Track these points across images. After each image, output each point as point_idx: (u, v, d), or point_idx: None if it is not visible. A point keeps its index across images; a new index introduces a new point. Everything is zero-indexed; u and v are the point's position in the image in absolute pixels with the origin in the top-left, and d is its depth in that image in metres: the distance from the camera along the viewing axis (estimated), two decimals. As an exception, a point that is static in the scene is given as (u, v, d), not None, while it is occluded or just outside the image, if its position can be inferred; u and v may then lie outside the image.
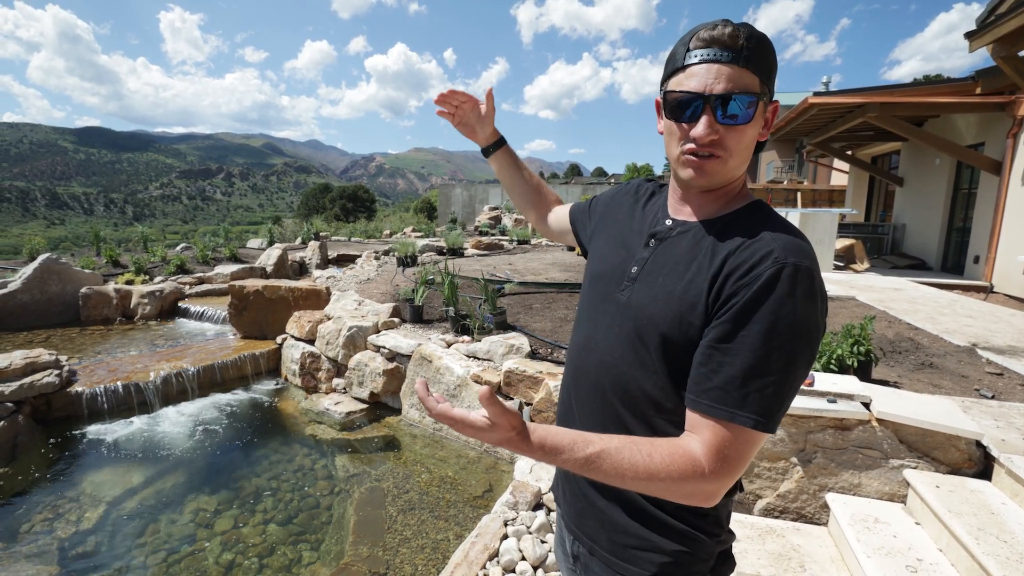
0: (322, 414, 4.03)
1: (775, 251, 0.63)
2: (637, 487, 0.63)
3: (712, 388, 0.62)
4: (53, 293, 6.01)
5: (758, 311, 0.61)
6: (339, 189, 41.19)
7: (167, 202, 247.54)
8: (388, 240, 13.34)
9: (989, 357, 3.28)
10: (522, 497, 2.46)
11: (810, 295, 0.61)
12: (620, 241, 0.83)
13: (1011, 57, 5.28)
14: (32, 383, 3.65)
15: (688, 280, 0.68)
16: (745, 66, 0.64)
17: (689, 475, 0.61)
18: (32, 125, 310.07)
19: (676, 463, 0.61)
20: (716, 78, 0.64)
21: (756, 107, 0.66)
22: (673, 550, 0.72)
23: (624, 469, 0.61)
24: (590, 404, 0.79)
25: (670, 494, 0.63)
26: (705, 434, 0.62)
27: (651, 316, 0.70)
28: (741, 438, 0.61)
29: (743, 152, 0.69)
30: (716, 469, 0.61)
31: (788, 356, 0.60)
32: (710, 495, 0.63)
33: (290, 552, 2.49)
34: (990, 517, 1.77)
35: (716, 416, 0.62)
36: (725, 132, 0.66)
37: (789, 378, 0.61)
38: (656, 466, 0.61)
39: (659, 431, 0.71)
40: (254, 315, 5.31)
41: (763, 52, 0.65)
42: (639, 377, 0.71)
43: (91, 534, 2.60)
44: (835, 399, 2.23)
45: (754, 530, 2.10)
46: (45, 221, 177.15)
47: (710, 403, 0.62)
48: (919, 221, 8.84)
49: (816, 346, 0.64)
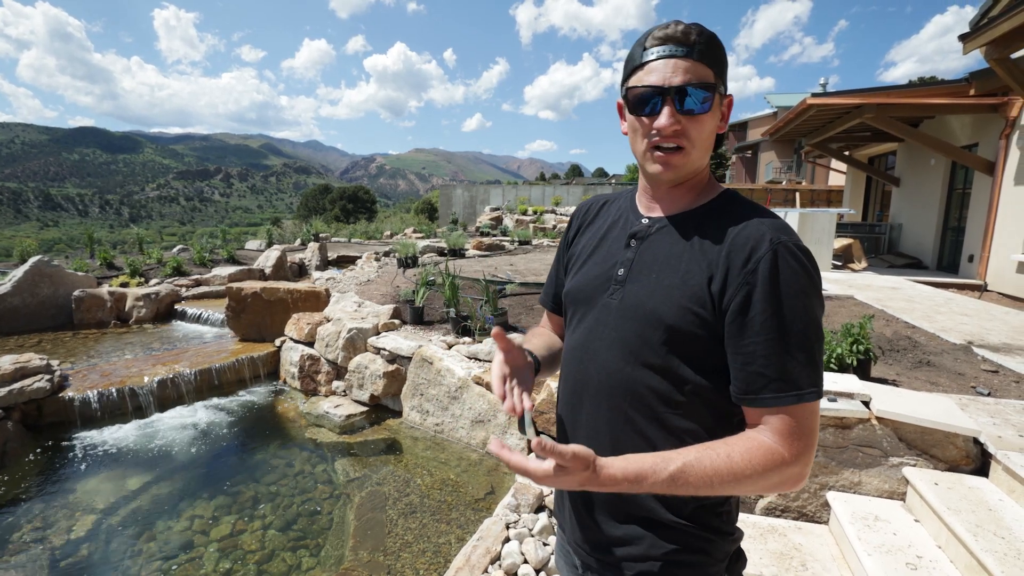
0: (322, 417, 4.01)
1: (767, 233, 0.67)
2: (726, 491, 0.64)
3: (772, 382, 0.64)
4: (45, 296, 5.96)
5: (775, 296, 0.64)
6: (339, 190, 41.11)
7: (164, 203, 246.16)
8: (389, 241, 13.31)
9: (984, 355, 3.31)
10: (524, 499, 2.46)
11: (808, 265, 0.67)
12: (596, 255, 0.83)
13: (1003, 59, 5.32)
14: (22, 388, 3.60)
15: (684, 272, 0.70)
16: (699, 60, 0.68)
17: (773, 465, 0.63)
18: (24, 125, 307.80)
19: (756, 457, 0.63)
20: (674, 72, 0.68)
21: (712, 98, 0.69)
22: (689, 556, 0.72)
23: (711, 476, 0.62)
24: (596, 412, 0.77)
25: (760, 488, 0.65)
26: (774, 423, 0.64)
27: (653, 311, 0.71)
28: (807, 413, 0.64)
29: (704, 143, 0.72)
30: (797, 451, 0.64)
31: (813, 326, 0.65)
32: (798, 477, 0.65)
33: (289, 558, 2.47)
34: (988, 514, 1.78)
35: (785, 404, 0.64)
36: (687, 123, 0.69)
37: (821, 342, 0.67)
38: (738, 465, 0.63)
39: (671, 426, 0.71)
40: (252, 317, 5.29)
41: (715, 47, 0.69)
42: (644, 376, 0.71)
43: (84, 542, 2.56)
44: (835, 398, 2.24)
45: (756, 529, 2.10)
46: (38, 223, 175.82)
47: (775, 395, 0.64)
48: (915, 221, 8.91)
49: (823, 303, 0.69)
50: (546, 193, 20.50)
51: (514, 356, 0.77)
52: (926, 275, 7.27)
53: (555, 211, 15.94)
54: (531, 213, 15.84)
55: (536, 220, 14.88)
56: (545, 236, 12.84)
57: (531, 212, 15.98)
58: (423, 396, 3.84)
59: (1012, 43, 5.11)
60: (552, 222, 14.69)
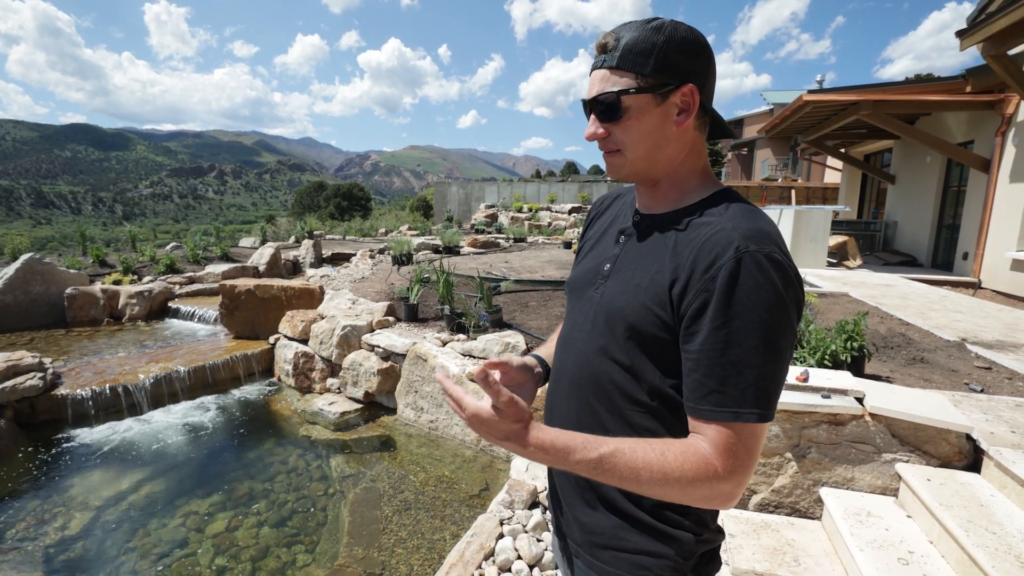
0: (316, 414, 3.99)
1: (735, 240, 0.63)
2: (653, 492, 0.62)
3: (710, 393, 0.62)
4: (37, 294, 5.91)
5: (732, 307, 0.61)
6: (334, 187, 40.91)
7: (158, 201, 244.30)
8: (383, 238, 13.27)
9: (978, 352, 3.33)
10: (518, 496, 2.45)
11: (775, 279, 0.62)
12: (595, 248, 0.86)
13: (1001, 56, 5.33)
14: (14, 386, 3.58)
15: (653, 272, 0.70)
16: (614, 66, 0.70)
17: (704, 476, 0.60)
18: (15, 121, 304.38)
19: (689, 463, 0.61)
20: (594, 82, 0.72)
21: (623, 101, 0.70)
22: (651, 550, 0.71)
23: (639, 469, 0.60)
24: (568, 401, 0.79)
25: (687, 497, 0.62)
26: (711, 435, 0.62)
27: (620, 308, 0.72)
28: (747, 433, 0.61)
29: (640, 143, 0.72)
30: (730, 468, 0.61)
31: (772, 343, 0.61)
32: (728, 496, 0.62)
33: (284, 554, 2.46)
34: (979, 509, 1.79)
35: (720, 419, 0.62)
36: (612, 128, 0.72)
37: (776, 364, 0.62)
38: (669, 466, 0.60)
39: (634, 424, 0.72)
40: (246, 315, 5.26)
41: (636, 49, 0.69)
42: (610, 370, 0.72)
43: (78, 540, 2.55)
44: (829, 394, 2.24)
45: (749, 525, 2.11)
46: (31, 220, 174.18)
47: (711, 408, 0.62)
48: (910, 218, 8.94)
49: (793, 324, 0.64)
50: (541, 190, 20.46)
51: (512, 378, 0.82)
52: (921, 272, 7.32)
53: (550, 208, 15.90)
54: (526, 210, 15.83)
55: (531, 217, 14.86)
56: (540, 233, 12.83)
57: (526, 209, 15.96)
58: (417, 393, 3.83)
59: (1009, 39, 5.12)
60: (547, 219, 14.68)
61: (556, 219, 14.61)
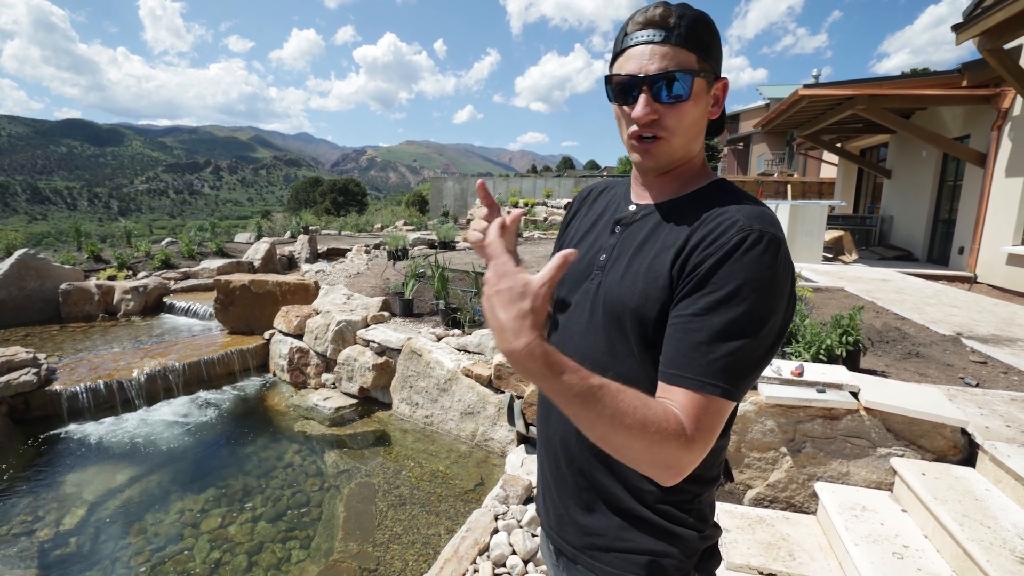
0: (311, 410, 3.98)
1: (740, 220, 0.63)
2: (625, 439, 0.56)
3: (679, 356, 0.60)
4: (31, 289, 5.87)
5: (722, 275, 0.60)
6: (330, 183, 40.68)
7: (153, 196, 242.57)
8: (379, 234, 13.22)
9: (973, 346, 3.33)
10: (513, 491, 2.45)
11: (776, 260, 0.61)
12: (584, 241, 0.83)
13: (996, 50, 5.31)
14: (8, 382, 3.56)
15: (653, 257, 0.68)
16: (679, 44, 0.65)
17: (674, 436, 0.56)
18: (9, 117, 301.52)
19: (669, 419, 0.57)
20: (650, 58, 0.65)
21: (693, 84, 0.65)
22: (656, 549, 0.70)
23: (623, 411, 0.55)
24: None
25: (648, 455, 0.57)
26: (680, 399, 0.59)
27: (620, 298, 0.69)
28: (711, 407, 0.58)
29: (687, 131, 0.69)
30: (695, 436, 0.57)
31: (755, 320, 0.59)
32: (682, 468, 0.58)
33: (279, 550, 2.46)
34: (974, 503, 1.79)
35: (684, 385, 0.59)
36: (665, 111, 0.66)
37: (756, 343, 0.59)
38: (651, 416, 0.56)
39: None
40: (241, 310, 5.23)
41: (699, 29, 0.66)
42: (615, 363, 0.70)
43: (73, 535, 2.54)
44: (824, 389, 2.24)
45: (744, 520, 2.11)
46: (27, 216, 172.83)
47: (676, 371, 0.60)
48: (906, 213, 8.95)
49: (785, 313, 0.62)
50: (537, 185, 20.39)
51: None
52: (916, 267, 7.33)
53: (546, 203, 15.88)
54: (522, 205, 15.79)
55: (527, 212, 14.82)
56: (536, 228, 12.81)
57: (522, 204, 15.92)
58: (412, 388, 3.82)
59: (1005, 33, 5.10)
60: (543, 214, 14.64)
61: (552, 214, 14.59)
